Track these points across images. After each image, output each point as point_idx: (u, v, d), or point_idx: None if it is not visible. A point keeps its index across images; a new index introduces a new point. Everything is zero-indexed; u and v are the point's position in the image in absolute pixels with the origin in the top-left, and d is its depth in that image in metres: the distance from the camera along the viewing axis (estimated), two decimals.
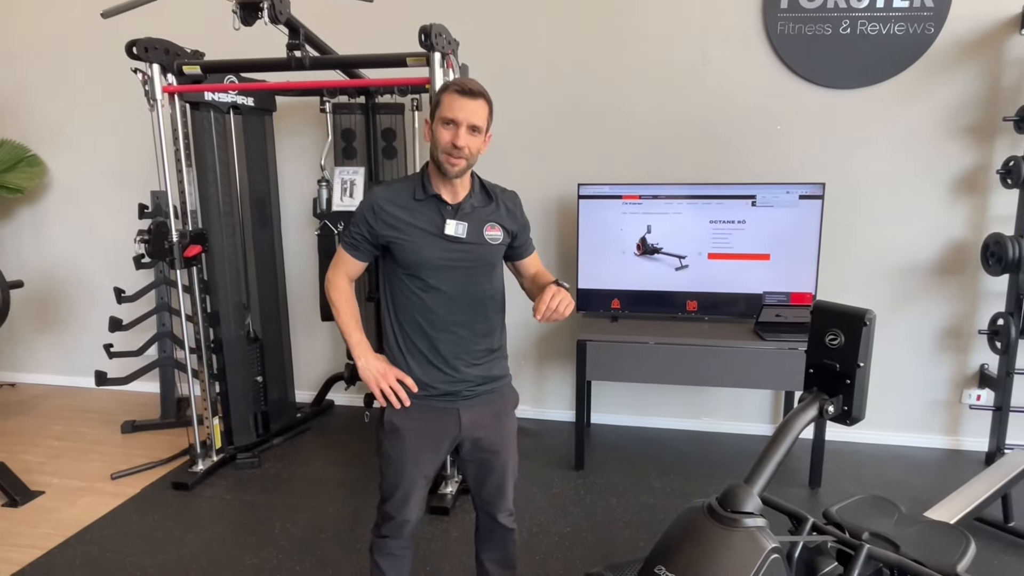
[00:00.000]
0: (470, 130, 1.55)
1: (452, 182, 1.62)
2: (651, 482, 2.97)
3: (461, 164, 1.57)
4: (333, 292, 1.74)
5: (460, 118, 1.53)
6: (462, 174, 1.61)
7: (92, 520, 2.67)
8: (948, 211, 3.12)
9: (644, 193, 3.10)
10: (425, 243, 1.62)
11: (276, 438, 3.39)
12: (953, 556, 1.68)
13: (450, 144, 1.54)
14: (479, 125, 1.56)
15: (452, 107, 1.54)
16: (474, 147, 1.58)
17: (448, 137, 1.54)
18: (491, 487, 1.80)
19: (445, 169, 1.57)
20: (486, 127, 1.60)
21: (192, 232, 2.91)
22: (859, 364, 1.44)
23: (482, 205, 1.70)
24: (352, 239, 1.68)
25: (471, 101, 1.54)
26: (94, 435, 3.52)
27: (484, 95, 1.57)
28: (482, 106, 1.57)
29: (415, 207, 1.63)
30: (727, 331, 2.99)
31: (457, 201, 1.66)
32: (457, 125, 1.54)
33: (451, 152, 1.55)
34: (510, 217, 1.74)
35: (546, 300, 1.57)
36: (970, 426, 3.27)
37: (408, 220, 1.62)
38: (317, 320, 3.60)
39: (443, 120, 1.55)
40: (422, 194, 1.63)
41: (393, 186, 1.69)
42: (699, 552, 1.31)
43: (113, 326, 3.39)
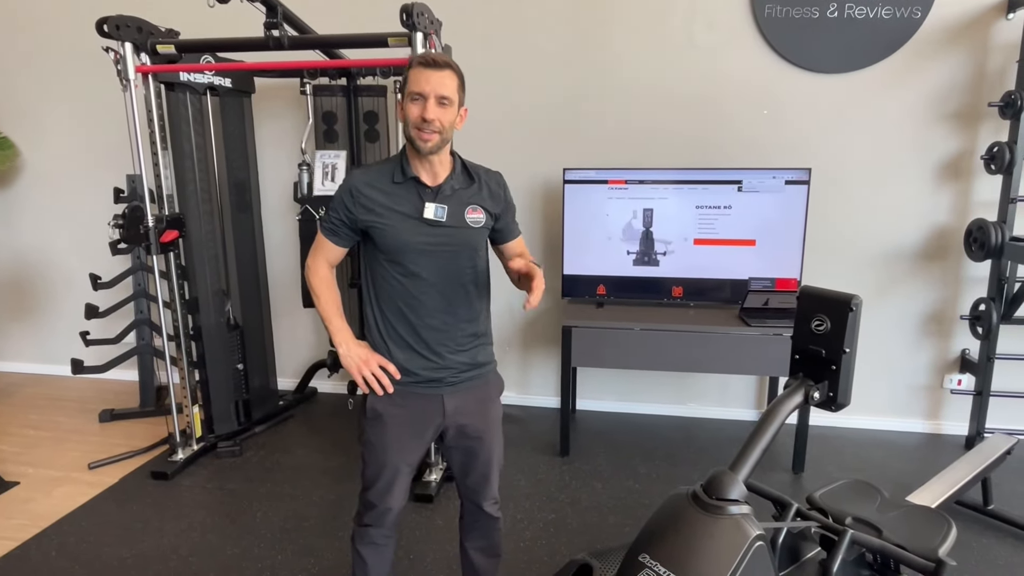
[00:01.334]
0: (439, 101, 1.50)
1: (430, 162, 1.58)
2: (636, 468, 2.97)
3: (434, 139, 1.52)
4: (313, 279, 1.71)
5: (427, 90, 1.49)
6: (436, 150, 1.55)
7: (69, 511, 2.62)
8: (932, 197, 3.12)
9: (630, 178, 3.07)
10: (404, 227, 1.59)
11: (258, 426, 3.35)
12: (935, 540, 1.69)
13: (419, 118, 1.50)
14: (448, 96, 1.51)
15: (419, 80, 1.50)
16: (446, 120, 1.52)
17: (417, 112, 1.50)
18: (476, 475, 1.78)
19: (418, 146, 1.53)
20: (458, 100, 1.55)
21: (168, 217, 2.84)
22: (845, 350, 1.43)
23: (463, 187, 1.65)
24: (331, 224, 1.64)
25: (437, 72, 1.50)
26: (71, 424, 3.46)
27: (451, 65, 1.52)
28: (450, 76, 1.51)
29: (394, 190, 1.59)
30: (713, 317, 2.98)
31: (437, 183, 1.61)
32: (425, 98, 1.49)
33: (421, 127, 1.50)
34: (493, 199, 1.69)
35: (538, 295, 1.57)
36: (951, 410, 3.31)
37: (387, 204, 1.58)
38: (299, 306, 3.55)
39: (411, 95, 1.51)
40: (400, 176, 1.59)
41: (372, 169, 1.64)
42: (684, 540, 1.30)
43: (89, 313, 3.32)
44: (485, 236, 1.72)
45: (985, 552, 2.34)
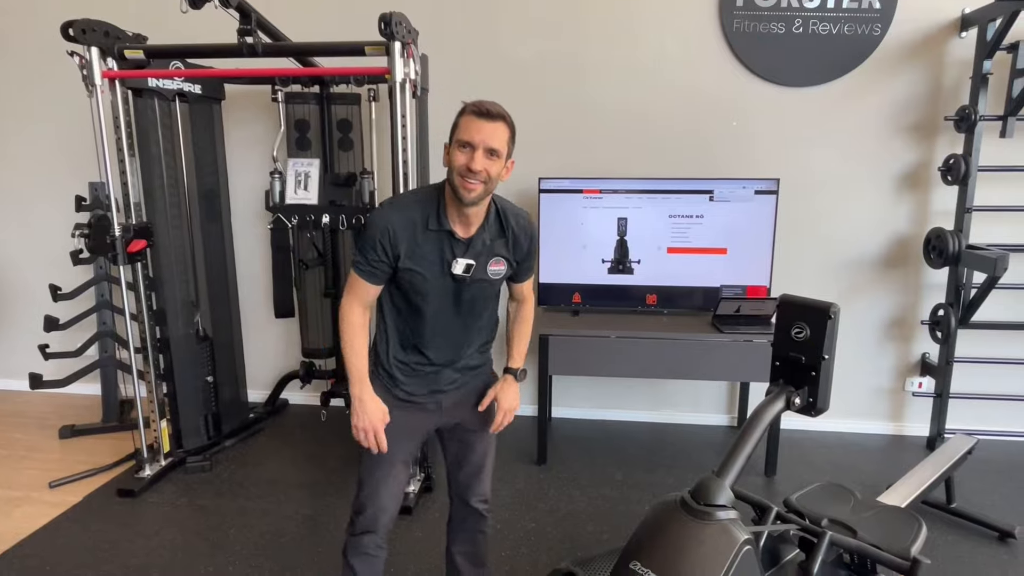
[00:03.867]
0: (487, 153, 1.47)
1: (467, 214, 1.54)
2: (613, 475, 2.99)
3: (478, 189, 1.48)
4: (346, 326, 1.62)
5: (476, 140, 1.46)
6: (478, 201, 1.51)
7: (30, 532, 2.51)
8: (893, 206, 3.24)
9: (605, 187, 3.10)
10: (429, 275, 1.58)
11: (228, 440, 3.26)
12: (907, 539, 1.75)
13: (465, 167, 1.46)
14: (498, 149, 1.48)
15: (468, 129, 1.47)
16: (493, 171, 1.49)
17: (463, 160, 1.46)
18: (470, 467, 1.81)
19: (461, 195, 1.49)
20: (507, 151, 1.51)
21: (136, 226, 2.77)
22: (824, 356, 1.48)
23: (493, 238, 1.62)
24: (370, 266, 1.56)
25: (489, 123, 1.47)
26: (29, 441, 3.32)
27: (504, 117, 1.50)
28: (502, 128, 1.49)
29: (424, 236, 1.55)
30: (686, 324, 3.04)
31: (469, 235, 1.58)
32: (473, 148, 1.46)
33: (466, 175, 1.46)
34: (516, 249, 1.67)
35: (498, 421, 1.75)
36: (912, 412, 3.42)
37: (416, 250, 1.55)
38: (270, 317, 3.48)
39: (459, 143, 1.48)
40: (435, 224, 1.55)
41: (405, 208, 1.57)
42: (674, 546, 1.32)
43: (49, 326, 3.21)
44: (502, 283, 1.74)
45: (950, 549, 2.43)
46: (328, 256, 3.32)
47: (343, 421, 3.57)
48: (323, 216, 3.14)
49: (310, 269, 3.35)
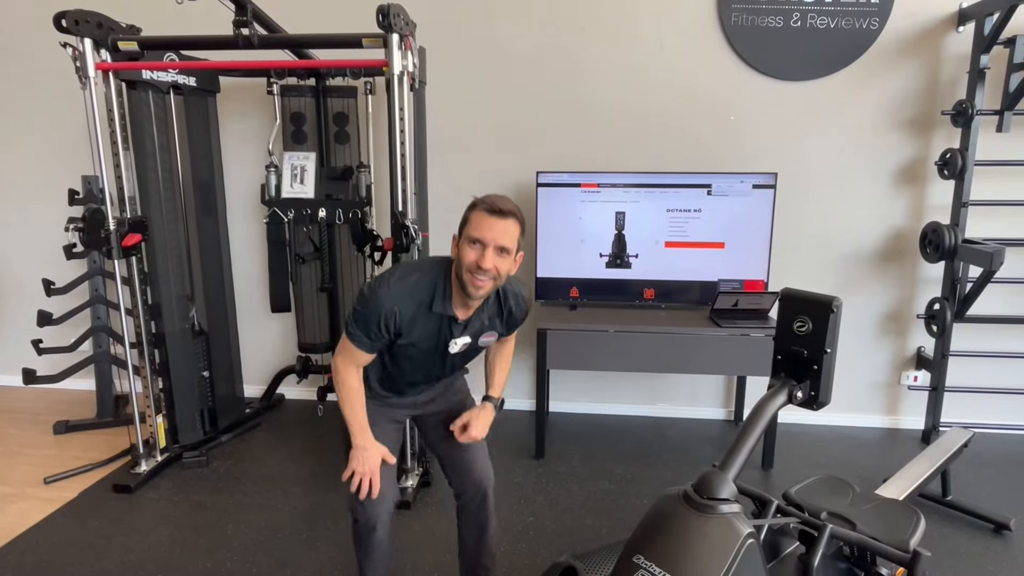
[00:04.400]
0: (498, 251, 1.48)
1: (471, 303, 1.57)
2: (611, 469, 2.99)
3: (487, 286, 1.50)
4: (343, 389, 1.64)
5: (488, 238, 1.46)
6: (486, 296, 1.55)
7: (25, 528, 2.49)
8: (890, 201, 3.25)
9: (602, 181, 3.10)
10: (423, 348, 1.63)
11: (224, 435, 3.25)
12: (906, 532, 1.75)
13: (475, 264, 1.47)
14: (508, 247, 1.49)
15: (480, 226, 1.47)
16: (503, 269, 1.50)
17: (473, 257, 1.47)
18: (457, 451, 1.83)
19: (469, 291, 1.51)
20: (516, 247, 1.53)
21: (131, 220, 2.74)
22: (826, 350, 1.47)
23: (491, 316, 1.67)
24: (369, 339, 1.58)
25: (500, 220, 1.47)
26: (23, 437, 3.29)
27: (515, 214, 1.50)
28: (513, 225, 1.49)
29: (426, 316, 1.57)
30: (684, 318, 3.04)
31: (468, 316, 1.61)
32: (484, 245, 1.46)
33: (476, 272, 1.48)
34: (510, 324, 1.74)
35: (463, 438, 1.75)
36: (908, 406, 3.44)
37: (416, 329, 1.58)
38: (266, 311, 3.47)
39: (469, 239, 1.48)
40: (439, 308, 1.57)
41: (411, 291, 1.56)
42: (677, 540, 1.31)
43: (42, 320, 3.18)
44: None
45: (945, 541, 2.44)
46: (324, 250, 3.30)
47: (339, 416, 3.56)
48: (319, 210, 3.12)
49: (306, 263, 3.33)
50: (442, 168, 3.33)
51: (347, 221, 3.14)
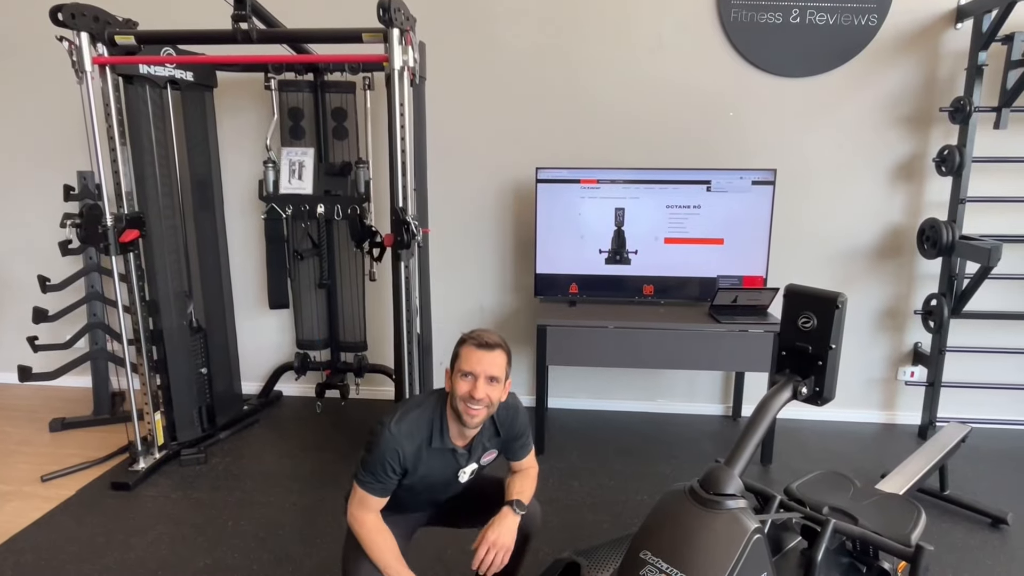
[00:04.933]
0: (488, 381, 1.57)
1: (467, 431, 1.65)
2: (611, 465, 3.00)
3: (481, 414, 1.59)
4: (366, 535, 1.61)
5: (478, 371, 1.56)
6: (481, 424, 1.64)
7: (22, 527, 2.48)
8: (887, 197, 3.26)
9: (602, 177, 3.09)
10: (434, 484, 1.69)
11: (223, 432, 3.24)
12: (907, 526, 1.76)
13: (468, 394, 1.56)
14: (497, 376, 1.59)
15: (470, 360, 1.57)
16: (494, 396, 1.60)
17: (466, 388, 1.57)
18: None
19: (465, 420, 1.59)
20: (505, 375, 1.63)
21: (128, 216, 2.72)
22: (831, 346, 1.48)
23: (490, 438, 1.73)
24: (380, 483, 1.61)
25: (488, 353, 1.58)
26: (19, 435, 3.27)
27: (502, 346, 1.62)
28: (500, 356, 1.60)
29: (429, 453, 1.64)
30: (683, 314, 3.04)
31: (467, 443, 1.69)
32: (475, 377, 1.56)
33: (469, 402, 1.57)
34: (506, 444, 1.78)
35: (481, 554, 1.60)
36: (905, 401, 3.46)
37: (422, 466, 1.64)
38: (263, 308, 3.45)
39: (461, 372, 1.58)
40: (439, 443, 1.64)
41: (411, 432, 1.62)
42: (683, 535, 1.32)
43: (37, 317, 3.16)
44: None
45: (944, 535, 2.46)
46: (323, 246, 3.29)
47: (338, 412, 3.57)
48: (318, 206, 3.11)
49: (304, 260, 3.31)
50: (442, 164, 3.32)
51: (346, 217, 3.12)
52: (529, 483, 1.80)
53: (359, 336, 3.49)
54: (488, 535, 1.61)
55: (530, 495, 1.78)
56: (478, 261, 3.51)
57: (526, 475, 1.82)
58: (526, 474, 1.82)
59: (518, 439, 1.79)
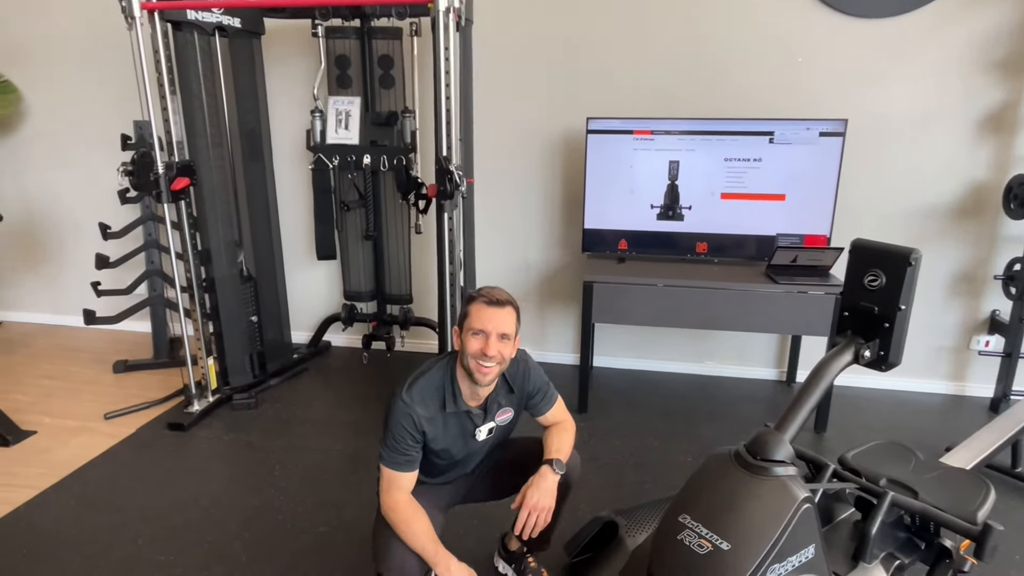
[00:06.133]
0: (500, 338, 1.55)
1: (479, 389, 1.62)
2: (654, 425, 2.93)
3: (493, 371, 1.57)
4: (394, 515, 1.56)
5: (489, 328, 1.54)
6: (494, 381, 1.62)
7: (86, 460, 2.61)
8: (971, 151, 2.99)
9: (656, 128, 2.94)
10: (453, 445, 1.66)
11: (273, 379, 3.32)
12: (973, 503, 1.64)
13: (480, 352, 1.54)
14: (508, 333, 1.57)
15: (481, 318, 1.55)
16: (506, 353, 1.58)
17: (478, 346, 1.55)
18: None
19: (477, 379, 1.57)
20: (515, 331, 1.61)
21: (179, 164, 2.75)
22: (900, 307, 1.35)
23: (504, 395, 1.71)
24: (404, 455, 1.58)
25: (499, 310, 1.56)
26: (86, 374, 3.44)
27: (511, 303, 1.60)
28: (509, 313, 1.58)
29: (444, 418, 1.62)
30: (738, 274, 2.90)
31: (481, 403, 1.67)
32: (487, 335, 1.54)
33: (481, 359, 1.55)
34: (519, 397, 1.74)
35: (523, 518, 1.58)
36: (976, 372, 3.25)
37: (440, 432, 1.63)
38: (312, 258, 3.48)
39: (472, 330, 1.56)
40: (453, 407, 1.62)
41: (423, 395, 1.60)
42: (727, 501, 1.25)
43: (100, 263, 3.27)
44: (514, 425, 1.80)
45: (1012, 515, 2.31)
46: (369, 198, 3.27)
47: (384, 364, 3.61)
48: (364, 156, 3.07)
49: (351, 211, 3.31)
50: (489, 113, 3.22)
51: (392, 168, 3.08)
52: (567, 437, 1.76)
53: (405, 289, 3.49)
54: (528, 497, 1.57)
55: (568, 450, 1.73)
56: (525, 215, 3.43)
57: (561, 429, 1.77)
58: (561, 428, 1.78)
59: (536, 394, 1.76)
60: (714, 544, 1.19)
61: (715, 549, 1.19)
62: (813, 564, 1.25)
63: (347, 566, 2.03)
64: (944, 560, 1.59)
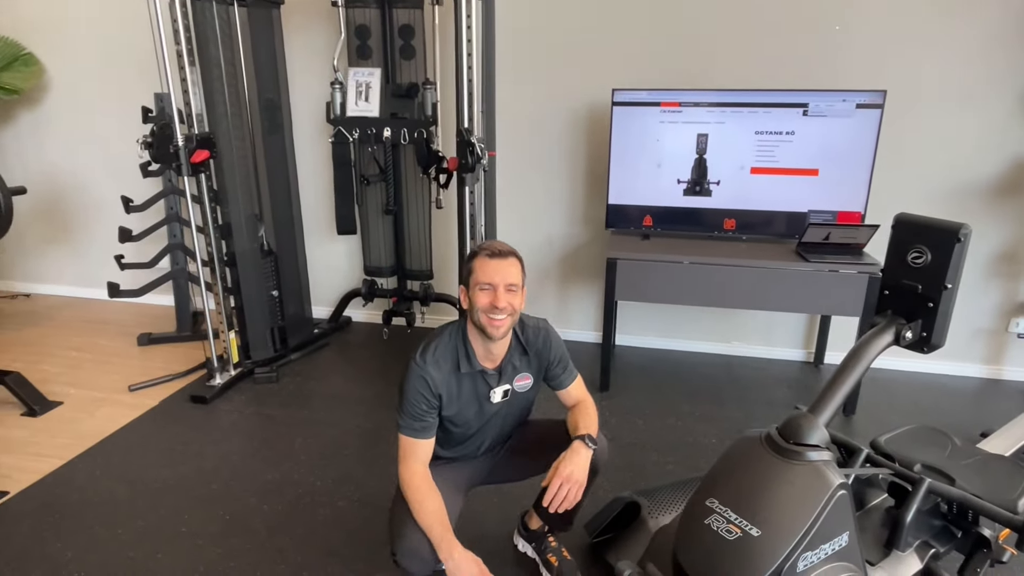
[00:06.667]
0: (507, 289, 1.53)
1: (493, 348, 1.59)
2: (678, 405, 2.88)
3: (505, 323, 1.54)
4: (412, 492, 1.52)
5: (496, 280, 1.52)
6: (507, 334, 1.59)
7: (112, 431, 2.64)
8: (1017, 125, 2.85)
9: (685, 100, 2.84)
10: (469, 411, 1.64)
11: (294, 353, 3.33)
12: (1014, 491, 1.58)
13: (490, 305, 1.52)
14: (515, 283, 1.55)
15: (486, 271, 1.53)
16: (516, 304, 1.56)
17: (487, 299, 1.52)
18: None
19: (490, 333, 1.54)
20: (522, 282, 1.59)
21: (199, 136, 2.72)
22: (946, 286, 1.28)
23: (519, 357, 1.68)
24: (421, 421, 1.56)
25: (503, 261, 1.54)
26: (111, 347, 3.48)
27: (514, 254, 1.58)
28: (514, 263, 1.56)
29: (459, 379, 1.61)
30: (767, 251, 2.81)
31: (496, 364, 1.64)
32: (494, 287, 1.52)
33: (491, 312, 1.52)
34: (539, 362, 1.71)
35: (553, 490, 1.51)
36: (1014, 356, 3.13)
37: (455, 393, 1.61)
38: (332, 233, 3.46)
39: (479, 285, 1.54)
40: (467, 367, 1.60)
41: (436, 357, 1.58)
42: (757, 486, 1.20)
43: (123, 236, 3.28)
44: (535, 394, 1.77)
45: None
46: (389, 172, 3.22)
47: (404, 340, 3.59)
48: (384, 130, 3.02)
49: (371, 185, 3.27)
50: (512, 84, 3.14)
51: (412, 141, 3.03)
52: (592, 418, 1.71)
53: (425, 264, 3.45)
54: (561, 470, 1.52)
55: (596, 430, 1.68)
56: (547, 189, 3.36)
57: (584, 410, 1.73)
58: (584, 408, 1.73)
59: (556, 363, 1.72)
60: (743, 530, 1.15)
61: (744, 535, 1.14)
62: (846, 552, 1.20)
63: (365, 540, 2.02)
64: (981, 550, 1.53)
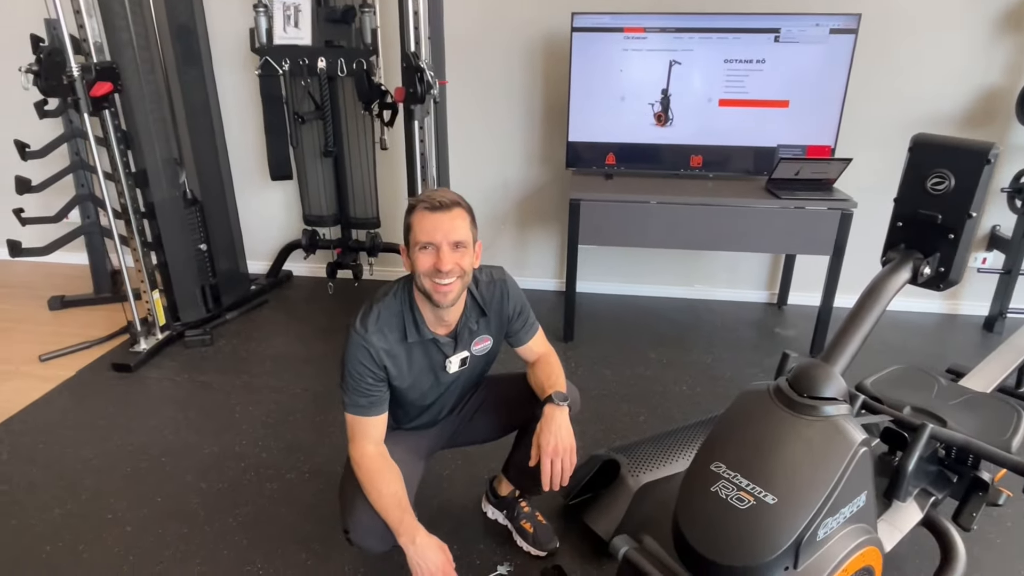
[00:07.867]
0: (453, 247, 1.29)
1: (444, 314, 1.37)
2: (645, 353, 2.77)
3: (454, 287, 1.31)
4: (364, 475, 1.35)
5: (438, 239, 1.28)
6: (457, 300, 1.35)
7: (21, 407, 2.34)
8: (985, 52, 2.75)
9: (650, 25, 2.62)
10: (422, 381, 1.44)
11: (229, 313, 3.04)
12: (1006, 431, 1.52)
13: (433, 268, 1.28)
14: (463, 240, 1.30)
15: (425, 228, 1.28)
16: (465, 264, 1.31)
17: (429, 262, 1.29)
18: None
19: (436, 300, 1.32)
20: (472, 237, 1.33)
21: (98, 66, 2.34)
22: (971, 214, 1.14)
23: (477, 319, 1.46)
24: (365, 396, 1.36)
25: (446, 215, 1.28)
26: (17, 312, 3.10)
27: (460, 203, 1.32)
28: (460, 215, 1.30)
29: (407, 349, 1.39)
30: (737, 189, 2.67)
31: (451, 330, 1.43)
32: (437, 247, 1.28)
33: (436, 277, 1.29)
34: (499, 322, 1.51)
35: (547, 470, 1.35)
36: (972, 290, 3.14)
37: (405, 365, 1.40)
38: (265, 179, 3.13)
39: (419, 244, 1.30)
40: (415, 336, 1.38)
41: (380, 324, 1.36)
42: (769, 447, 1.06)
43: (20, 187, 2.87)
44: (494, 357, 1.58)
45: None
46: (327, 108, 2.90)
47: (351, 294, 3.34)
48: (318, 60, 2.69)
49: (307, 124, 2.94)
50: (461, 7, 2.84)
51: (351, 73, 2.72)
52: (556, 371, 1.54)
53: (371, 212, 3.18)
54: (544, 445, 1.35)
55: (563, 382, 1.51)
56: (502, 127, 3.10)
57: (548, 363, 1.56)
58: (547, 362, 1.56)
59: (516, 319, 1.52)
60: (757, 497, 1.01)
61: (758, 503, 1.00)
62: (863, 513, 1.09)
63: (319, 516, 1.84)
64: (978, 493, 1.46)
